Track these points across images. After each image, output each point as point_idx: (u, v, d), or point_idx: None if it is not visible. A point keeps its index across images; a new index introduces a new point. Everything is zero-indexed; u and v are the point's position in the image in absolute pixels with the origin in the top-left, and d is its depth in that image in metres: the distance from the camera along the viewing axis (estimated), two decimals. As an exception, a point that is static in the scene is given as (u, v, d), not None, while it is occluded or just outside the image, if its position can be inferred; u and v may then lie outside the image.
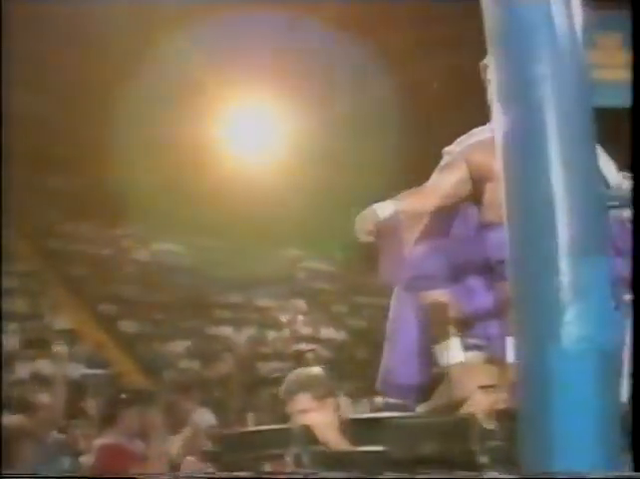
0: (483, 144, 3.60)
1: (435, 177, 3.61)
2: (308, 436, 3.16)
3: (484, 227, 3.47)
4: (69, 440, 6.03)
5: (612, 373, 1.85)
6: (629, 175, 3.10)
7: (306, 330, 14.72)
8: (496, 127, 2.22)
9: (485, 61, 3.73)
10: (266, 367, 12.55)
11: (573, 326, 1.76)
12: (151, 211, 15.58)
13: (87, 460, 5.02)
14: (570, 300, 1.78)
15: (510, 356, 3.19)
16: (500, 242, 3.31)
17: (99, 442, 4.96)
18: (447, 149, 3.75)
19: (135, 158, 15.41)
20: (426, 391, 3.48)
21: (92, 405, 7.35)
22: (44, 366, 10.08)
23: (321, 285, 16.71)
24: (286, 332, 14.40)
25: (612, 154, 3.27)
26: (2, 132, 11.68)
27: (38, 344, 10.91)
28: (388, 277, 3.55)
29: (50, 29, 12.35)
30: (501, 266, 3.26)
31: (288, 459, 3.01)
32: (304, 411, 3.33)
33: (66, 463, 4.74)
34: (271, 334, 14.16)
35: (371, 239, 3.21)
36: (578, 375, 1.77)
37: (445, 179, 3.55)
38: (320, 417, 3.30)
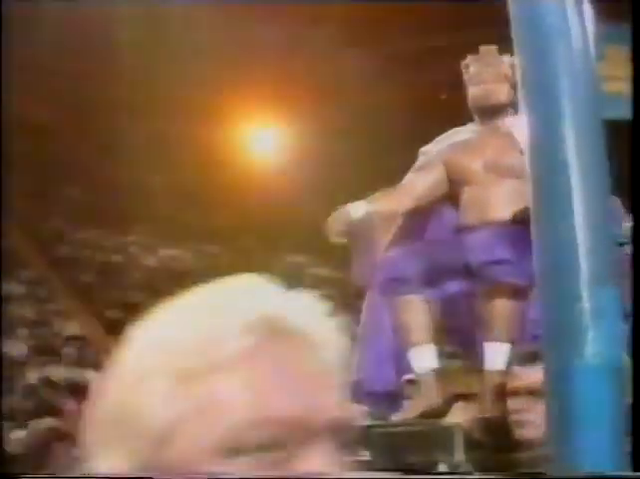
0: (463, 145, 3.53)
1: (410, 177, 3.51)
2: None
3: (462, 229, 3.40)
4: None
5: (623, 383, 2.18)
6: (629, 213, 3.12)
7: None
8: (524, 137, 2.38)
9: (467, 61, 3.67)
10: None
11: (593, 345, 2.11)
12: (158, 217, 15.65)
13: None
14: (590, 324, 2.12)
15: (488, 364, 3.13)
16: (479, 246, 3.25)
17: None
18: (423, 149, 3.65)
19: (142, 164, 15.46)
20: (399, 399, 3.34)
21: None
22: (53, 372, 10.16)
23: (326, 292, 16.68)
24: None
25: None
26: (9, 139, 11.73)
27: (47, 350, 11.00)
28: (360, 279, 3.45)
29: (52, 32, 12.40)
30: (479, 270, 3.18)
31: None
32: None
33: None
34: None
35: (343, 240, 3.14)
36: (598, 385, 2.11)
37: (420, 179, 3.47)
38: None
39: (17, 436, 5.06)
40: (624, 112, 2.48)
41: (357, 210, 3.17)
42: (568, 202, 2.14)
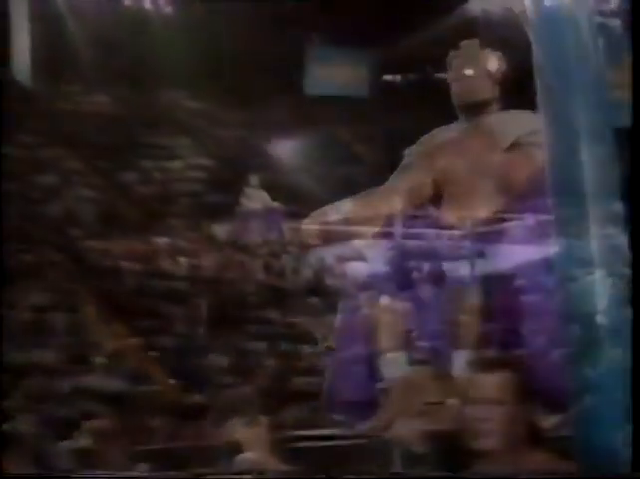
0: (445, 144, 3.50)
1: (394, 177, 3.50)
2: (237, 454, 3.10)
3: (443, 228, 3.37)
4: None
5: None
6: None
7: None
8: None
9: (449, 57, 3.62)
10: (301, 382, 12.60)
11: (610, 358, 2.33)
12: (182, 223, 15.71)
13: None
14: (606, 340, 2.34)
15: (456, 371, 3.09)
16: (459, 243, 3.22)
17: None
18: (407, 149, 3.63)
19: (163, 169, 15.50)
20: (371, 408, 3.27)
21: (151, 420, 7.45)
22: (84, 381, 10.24)
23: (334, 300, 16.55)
24: (320, 347, 14.40)
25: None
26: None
27: (78, 360, 11.07)
28: (338, 281, 3.44)
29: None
30: (456, 268, 3.14)
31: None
32: (236, 433, 3.22)
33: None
34: (305, 349, 14.18)
35: (319, 242, 3.10)
36: (613, 390, 2.33)
37: (405, 179, 3.45)
38: (250, 435, 3.18)
39: (60, 445, 5.08)
40: (624, 119, 2.57)
41: (337, 210, 3.14)
42: (585, 219, 2.33)
